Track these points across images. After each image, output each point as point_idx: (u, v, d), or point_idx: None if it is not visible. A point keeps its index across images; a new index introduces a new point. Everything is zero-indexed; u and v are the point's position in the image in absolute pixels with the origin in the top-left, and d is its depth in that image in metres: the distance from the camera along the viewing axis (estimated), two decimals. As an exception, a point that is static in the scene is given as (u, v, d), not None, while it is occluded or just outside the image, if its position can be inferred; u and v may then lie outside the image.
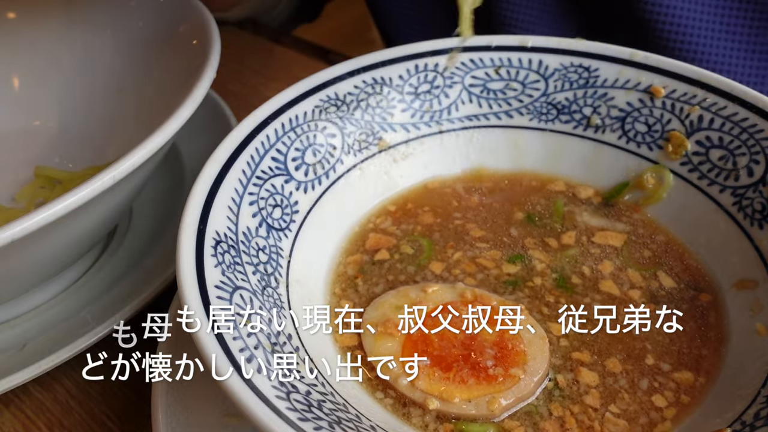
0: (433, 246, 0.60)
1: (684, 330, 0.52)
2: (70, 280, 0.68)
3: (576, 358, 0.51)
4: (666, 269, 0.57)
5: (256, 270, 0.50)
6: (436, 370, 0.49)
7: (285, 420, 0.37)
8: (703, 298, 0.55)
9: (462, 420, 0.47)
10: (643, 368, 0.50)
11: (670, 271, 0.57)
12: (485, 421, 0.47)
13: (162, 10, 0.78)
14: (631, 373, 0.50)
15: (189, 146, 0.80)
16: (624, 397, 0.48)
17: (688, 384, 0.49)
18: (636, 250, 0.59)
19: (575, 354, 0.51)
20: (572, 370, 0.50)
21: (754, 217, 0.55)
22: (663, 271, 0.57)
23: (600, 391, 0.49)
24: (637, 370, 0.50)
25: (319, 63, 1.09)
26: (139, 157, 0.53)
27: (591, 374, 0.49)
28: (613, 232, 0.61)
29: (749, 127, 0.57)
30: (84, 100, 0.84)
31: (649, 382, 0.49)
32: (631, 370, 0.50)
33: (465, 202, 0.64)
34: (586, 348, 0.51)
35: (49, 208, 0.48)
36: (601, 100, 0.64)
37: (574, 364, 0.50)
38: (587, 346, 0.51)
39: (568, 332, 0.52)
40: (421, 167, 0.66)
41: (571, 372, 0.50)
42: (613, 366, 0.50)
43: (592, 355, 0.51)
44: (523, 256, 0.59)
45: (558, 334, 0.52)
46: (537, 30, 1.02)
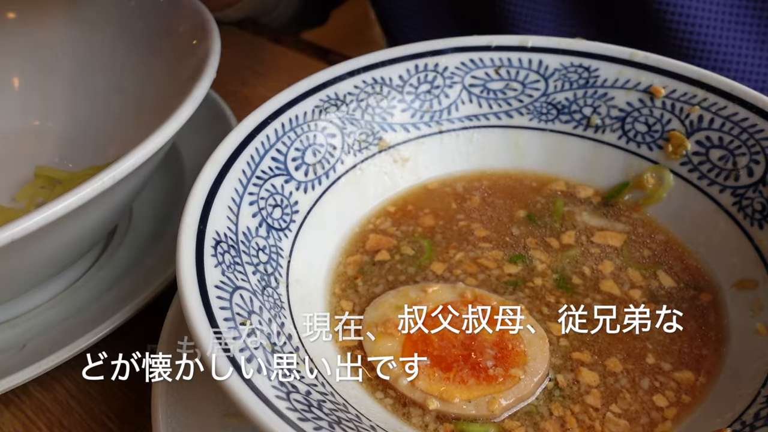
0: (434, 247, 0.60)
1: (684, 330, 0.52)
2: (70, 279, 0.68)
3: (576, 358, 0.51)
4: (666, 269, 0.57)
5: (256, 270, 0.50)
6: (436, 370, 0.49)
7: (285, 420, 0.37)
8: (704, 298, 0.55)
9: (462, 420, 0.47)
10: (643, 368, 0.50)
11: (670, 270, 0.57)
12: (485, 421, 0.47)
13: (162, 10, 0.78)
14: (632, 373, 0.50)
15: (189, 146, 0.80)
16: (625, 396, 0.48)
17: (688, 384, 0.49)
18: (636, 249, 0.59)
19: (575, 354, 0.51)
20: (573, 370, 0.50)
21: (754, 217, 0.55)
22: (663, 270, 0.57)
23: (601, 390, 0.49)
24: (638, 369, 0.50)
25: (319, 63, 1.09)
26: (138, 158, 0.53)
27: (591, 374, 0.49)
28: (613, 232, 0.61)
29: (749, 127, 0.57)
30: (84, 100, 0.84)
31: (650, 381, 0.49)
32: (632, 369, 0.50)
33: (465, 203, 0.64)
34: (586, 348, 0.51)
35: (49, 208, 0.48)
36: (601, 100, 0.64)
37: (574, 364, 0.50)
38: (587, 346, 0.51)
39: (568, 332, 0.52)
40: (422, 167, 0.66)
41: (571, 372, 0.50)
42: (614, 366, 0.50)
43: (592, 355, 0.51)
44: (524, 256, 0.59)
45: (558, 334, 0.52)
46: (540, 26, 1.03)
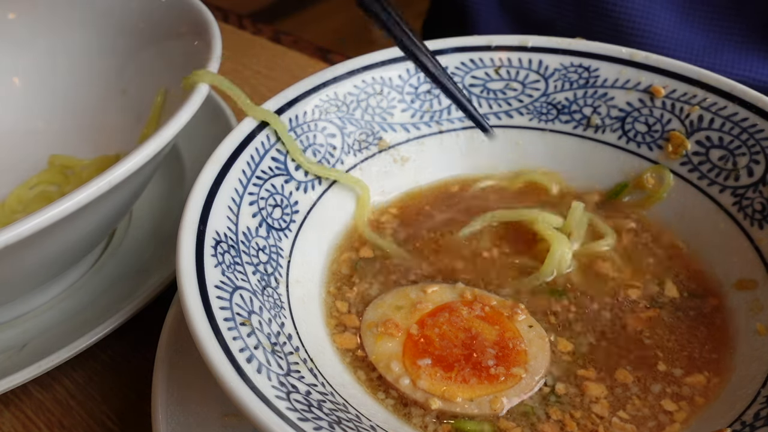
0: (434, 246, 0.60)
1: (694, 335, 0.52)
2: (70, 280, 0.68)
3: (581, 373, 0.50)
4: (666, 269, 0.57)
5: (256, 270, 0.50)
6: (437, 370, 0.49)
7: (285, 420, 0.37)
8: (710, 302, 0.54)
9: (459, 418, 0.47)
10: (655, 375, 0.50)
11: (671, 270, 0.57)
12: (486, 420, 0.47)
13: (163, 11, 0.78)
14: (643, 380, 0.49)
15: (189, 146, 0.80)
16: (634, 402, 0.48)
17: (701, 386, 0.49)
18: (637, 250, 0.59)
19: (580, 363, 0.51)
20: (577, 377, 0.50)
21: (754, 217, 0.55)
22: (664, 270, 0.57)
23: (609, 401, 0.48)
24: (650, 376, 0.50)
25: (319, 63, 1.09)
26: (135, 162, 0.52)
27: (598, 387, 0.49)
28: (615, 231, 0.60)
29: (749, 127, 0.57)
30: (84, 100, 0.83)
31: (661, 387, 0.49)
32: (643, 377, 0.50)
33: (465, 203, 0.64)
34: (591, 355, 0.51)
35: (45, 213, 0.47)
36: (601, 100, 0.64)
37: (579, 369, 0.50)
38: (593, 353, 0.51)
39: (572, 335, 0.52)
40: (422, 167, 0.66)
41: (575, 379, 0.50)
42: (624, 377, 0.49)
43: (597, 362, 0.51)
44: (524, 256, 0.59)
45: (561, 336, 0.52)
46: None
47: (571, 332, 0.52)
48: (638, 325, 0.53)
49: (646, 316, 0.53)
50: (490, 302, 0.54)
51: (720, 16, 1.03)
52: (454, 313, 0.53)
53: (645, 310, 0.54)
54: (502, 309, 0.53)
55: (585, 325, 0.53)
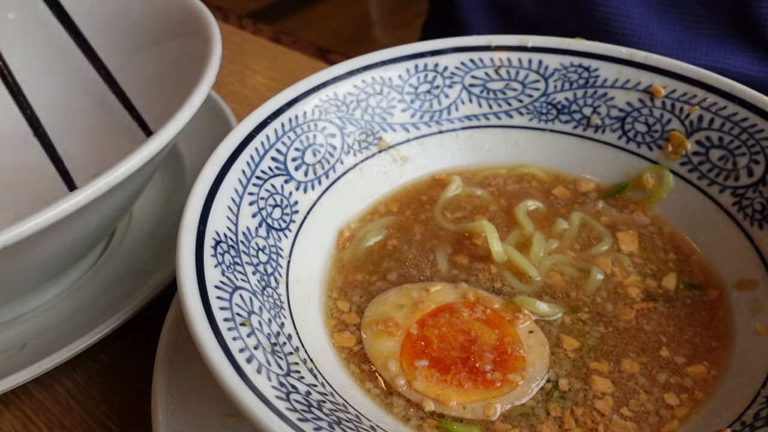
0: (434, 246, 0.60)
1: (695, 319, 0.53)
2: (70, 280, 0.68)
3: (589, 365, 0.50)
4: (666, 265, 0.57)
5: (256, 270, 0.50)
6: (434, 372, 0.49)
7: (285, 420, 0.37)
8: (711, 294, 0.55)
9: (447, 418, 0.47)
10: (660, 361, 0.50)
11: (671, 267, 0.57)
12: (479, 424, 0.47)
13: (163, 11, 0.78)
14: (648, 367, 0.50)
15: (189, 146, 0.80)
16: (640, 396, 0.48)
17: (701, 377, 0.49)
18: (637, 248, 0.59)
19: (586, 355, 0.51)
20: (583, 371, 0.50)
21: (754, 217, 0.55)
22: (664, 267, 0.57)
23: (615, 398, 0.48)
24: (655, 362, 0.50)
25: (319, 63, 1.09)
26: (134, 163, 0.52)
27: (604, 381, 0.49)
28: (615, 229, 0.60)
29: (749, 127, 0.57)
30: (84, 101, 0.83)
31: (666, 376, 0.49)
32: (647, 362, 0.50)
33: (465, 203, 0.64)
34: (596, 349, 0.51)
35: (43, 214, 0.47)
36: (601, 100, 0.64)
37: (589, 362, 0.50)
38: (597, 344, 0.51)
39: (575, 333, 0.52)
40: (421, 167, 0.66)
41: (582, 372, 0.50)
42: (630, 367, 0.50)
43: (603, 354, 0.51)
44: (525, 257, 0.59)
45: (566, 335, 0.52)
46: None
47: (575, 329, 0.52)
48: (639, 315, 0.53)
49: (647, 307, 0.54)
50: (492, 305, 0.54)
51: (692, 11, 1.06)
52: (455, 314, 0.53)
53: (644, 302, 0.54)
54: (503, 312, 0.53)
55: (590, 319, 0.53)
